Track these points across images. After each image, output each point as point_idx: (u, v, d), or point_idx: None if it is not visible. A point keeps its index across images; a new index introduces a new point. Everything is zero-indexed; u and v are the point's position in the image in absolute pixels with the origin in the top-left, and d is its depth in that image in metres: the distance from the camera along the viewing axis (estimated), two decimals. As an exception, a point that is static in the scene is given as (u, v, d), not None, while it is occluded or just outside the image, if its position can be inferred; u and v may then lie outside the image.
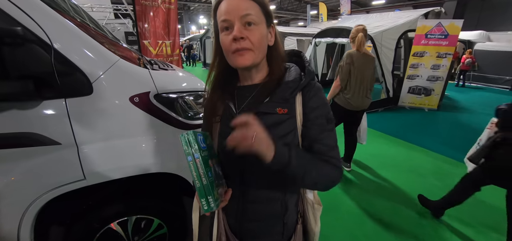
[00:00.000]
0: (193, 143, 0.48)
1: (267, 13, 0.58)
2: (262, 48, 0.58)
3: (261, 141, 0.49)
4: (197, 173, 0.47)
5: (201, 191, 0.48)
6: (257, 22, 0.55)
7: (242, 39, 0.54)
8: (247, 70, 0.61)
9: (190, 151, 0.47)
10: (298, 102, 0.61)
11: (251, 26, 0.54)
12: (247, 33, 0.54)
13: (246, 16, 0.53)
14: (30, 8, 0.84)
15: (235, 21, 0.53)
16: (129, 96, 1.05)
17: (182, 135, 0.48)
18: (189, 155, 0.47)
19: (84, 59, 0.94)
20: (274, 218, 0.67)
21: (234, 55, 0.56)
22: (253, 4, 0.55)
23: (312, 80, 0.62)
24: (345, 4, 11.57)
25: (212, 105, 0.67)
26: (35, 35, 0.83)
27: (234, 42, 0.54)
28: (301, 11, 20.65)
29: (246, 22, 0.54)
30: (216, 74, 0.67)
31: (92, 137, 1.01)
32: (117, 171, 1.08)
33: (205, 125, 0.73)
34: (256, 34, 0.55)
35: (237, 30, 0.53)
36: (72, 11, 1.13)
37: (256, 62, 0.58)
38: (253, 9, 0.54)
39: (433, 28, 4.79)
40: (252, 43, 0.55)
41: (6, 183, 0.92)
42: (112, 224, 1.18)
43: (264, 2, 0.57)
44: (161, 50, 3.66)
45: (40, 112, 0.91)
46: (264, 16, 0.57)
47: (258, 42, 0.56)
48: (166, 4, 3.57)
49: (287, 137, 0.60)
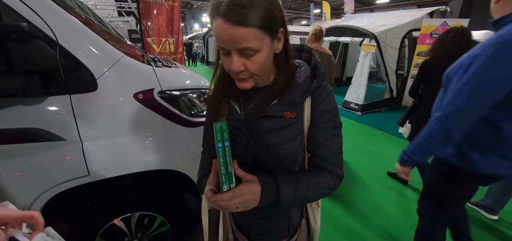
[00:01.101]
0: (225, 132, 0.50)
1: (271, 27, 0.49)
2: (264, 70, 0.54)
3: (246, 205, 0.51)
4: (224, 160, 0.50)
5: (224, 177, 0.50)
6: (258, 48, 0.48)
7: (242, 72, 0.51)
8: None
9: (222, 139, 0.50)
10: (307, 105, 0.59)
11: (250, 55, 0.49)
12: (247, 63, 0.50)
13: (244, 50, 0.48)
14: (36, 4, 0.84)
15: (232, 51, 0.48)
16: (133, 93, 1.05)
17: (216, 123, 0.50)
18: (219, 142, 0.49)
19: (89, 56, 0.94)
20: (279, 214, 0.67)
21: (236, 80, 0.55)
22: (250, 31, 0.45)
23: (322, 82, 0.60)
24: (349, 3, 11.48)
25: (216, 104, 0.65)
26: (40, 31, 0.84)
27: (234, 73, 0.51)
28: (305, 9, 20.55)
29: (244, 53, 0.48)
30: (220, 72, 0.64)
31: (96, 133, 1.01)
32: (121, 167, 1.08)
33: (208, 123, 0.72)
34: (255, 62, 0.50)
35: (235, 66, 0.49)
36: (77, 8, 1.14)
37: (258, 82, 0.57)
38: (251, 36, 0.46)
39: (438, 28, 4.73)
40: (251, 72, 0.52)
41: (11, 178, 0.93)
42: (115, 220, 1.19)
43: (265, 17, 0.46)
44: (165, 48, 3.66)
45: (45, 108, 0.91)
46: (268, 34, 0.49)
47: (259, 69, 0.52)
48: (170, 2, 3.57)
49: (295, 141, 0.59)
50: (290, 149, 0.59)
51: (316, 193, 0.58)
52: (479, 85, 0.81)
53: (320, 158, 0.60)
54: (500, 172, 0.94)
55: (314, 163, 0.61)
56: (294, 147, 0.59)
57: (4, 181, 0.91)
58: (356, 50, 6.85)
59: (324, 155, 0.59)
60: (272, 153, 0.59)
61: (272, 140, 0.58)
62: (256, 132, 0.59)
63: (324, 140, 0.59)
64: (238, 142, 0.61)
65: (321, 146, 0.59)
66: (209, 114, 0.69)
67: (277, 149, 0.58)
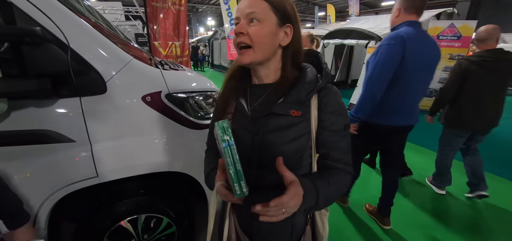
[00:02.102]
0: (228, 130, 0.49)
1: (280, 12, 0.56)
2: (263, 47, 0.56)
3: (289, 211, 0.49)
4: (231, 159, 0.48)
5: (235, 176, 0.49)
6: (262, 19, 0.55)
7: (242, 34, 0.55)
8: (253, 68, 0.62)
9: (225, 138, 0.48)
10: (314, 106, 0.59)
11: (254, 22, 0.55)
12: (248, 29, 0.55)
13: (251, 14, 0.54)
14: (49, 9, 0.86)
15: (242, 18, 0.56)
16: (142, 95, 1.06)
17: (217, 123, 0.49)
18: (224, 142, 0.48)
19: (99, 59, 0.96)
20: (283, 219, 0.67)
21: (239, 52, 0.58)
22: (261, 2, 0.55)
23: (329, 83, 0.61)
24: (354, 5, 11.44)
25: (224, 100, 0.67)
26: (53, 35, 0.86)
27: (236, 36, 0.56)
28: (309, 12, 20.55)
29: (250, 18, 0.55)
30: (231, 69, 0.68)
31: (105, 135, 1.03)
32: (128, 169, 1.09)
33: (216, 120, 0.73)
34: (256, 30, 0.55)
35: (240, 25, 0.55)
36: (87, 12, 1.16)
37: (257, 60, 0.57)
38: (259, 6, 0.55)
39: (446, 29, 4.67)
40: (251, 39, 0.55)
41: (22, 179, 0.95)
42: (122, 222, 1.20)
43: (277, 1, 0.56)
44: (171, 51, 3.71)
45: (56, 110, 0.93)
46: (275, 14, 0.56)
47: (258, 39, 0.55)
48: (176, 6, 3.62)
49: (300, 140, 0.59)
50: (295, 148, 0.59)
51: (337, 192, 0.59)
52: (381, 61, 1.39)
53: (334, 160, 0.61)
54: (392, 123, 1.53)
55: (326, 165, 0.61)
56: (299, 147, 0.59)
57: (15, 181, 0.93)
58: (361, 52, 6.80)
59: (337, 157, 0.60)
60: (277, 152, 0.58)
61: (277, 138, 0.58)
62: (261, 130, 0.60)
63: (336, 142, 0.60)
64: (243, 140, 0.62)
65: (333, 148, 0.60)
66: (217, 112, 0.70)
67: (281, 148, 0.58)
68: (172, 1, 3.56)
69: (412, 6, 1.40)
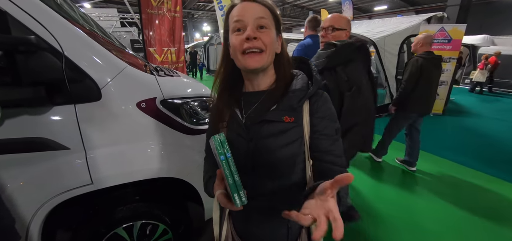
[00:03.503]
0: (224, 144, 0.51)
1: (277, 21, 0.61)
2: (272, 52, 0.60)
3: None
4: (229, 171, 0.50)
5: (234, 187, 0.50)
6: (269, 26, 0.58)
7: (255, 38, 0.55)
8: (254, 74, 0.62)
9: (223, 151, 0.50)
10: (305, 111, 0.61)
11: (263, 29, 0.57)
12: (260, 35, 0.56)
13: (260, 19, 0.56)
14: (43, 17, 0.87)
15: (249, 22, 0.56)
16: (136, 102, 1.07)
17: (214, 137, 0.51)
18: (222, 155, 0.50)
19: (93, 66, 0.97)
20: (278, 221, 0.67)
21: (244, 57, 0.57)
22: (266, 10, 0.58)
23: (319, 88, 0.63)
24: (347, 10, 11.63)
25: (219, 111, 0.68)
26: (47, 43, 0.86)
27: (246, 42, 0.55)
28: (303, 17, 20.81)
29: (259, 25, 0.56)
30: (221, 79, 0.67)
31: (99, 142, 1.03)
32: (123, 176, 1.09)
33: (211, 130, 0.73)
34: (268, 36, 0.57)
35: (251, 30, 0.55)
36: (81, 19, 1.17)
37: (266, 65, 0.59)
38: (266, 14, 0.57)
39: (436, 33, 4.78)
40: (264, 44, 0.57)
41: (16, 187, 0.94)
42: (117, 229, 1.18)
43: (275, 11, 0.60)
44: (167, 57, 3.71)
45: (51, 118, 0.93)
46: (274, 23, 0.60)
47: (270, 44, 0.58)
48: (172, 13, 3.64)
49: (293, 145, 0.60)
50: (288, 153, 0.60)
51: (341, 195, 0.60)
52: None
53: (330, 163, 0.61)
54: None
55: (323, 169, 0.62)
56: (293, 152, 0.60)
57: (9, 190, 0.92)
58: (355, 56, 6.88)
59: (333, 160, 0.61)
60: (271, 158, 0.60)
61: (271, 145, 0.60)
62: (255, 136, 0.61)
63: (330, 145, 0.61)
64: (238, 147, 0.63)
65: (328, 152, 0.61)
66: (212, 121, 0.71)
67: (275, 153, 0.59)
68: (167, 8, 3.58)
69: (312, 27, 2.27)
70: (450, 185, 2.52)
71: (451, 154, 3.23)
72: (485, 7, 13.15)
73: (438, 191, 2.41)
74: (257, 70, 0.60)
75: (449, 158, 3.14)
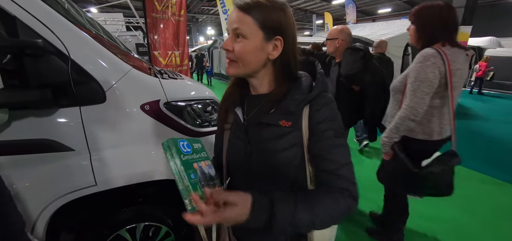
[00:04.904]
0: (172, 148, 0.51)
1: (266, 26, 0.54)
2: (248, 61, 0.56)
3: (235, 219, 0.46)
4: (178, 176, 0.50)
5: (183, 192, 0.50)
6: (246, 35, 0.54)
7: (228, 50, 0.57)
8: (248, 79, 0.63)
9: (169, 156, 0.51)
10: (305, 115, 0.57)
11: (239, 39, 0.55)
12: (234, 45, 0.56)
13: (236, 29, 0.55)
14: (51, 22, 0.89)
15: (229, 32, 0.56)
16: (140, 104, 1.08)
17: (163, 142, 0.52)
18: (170, 161, 0.50)
19: (99, 69, 0.98)
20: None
21: (227, 64, 0.60)
22: (246, 17, 0.53)
23: (322, 92, 0.58)
24: (351, 13, 11.62)
25: (224, 111, 0.69)
26: (54, 47, 0.88)
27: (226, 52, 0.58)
28: (307, 21, 20.86)
29: (236, 34, 0.55)
30: (231, 81, 0.69)
31: (104, 143, 1.04)
32: (127, 177, 1.10)
33: (218, 131, 0.76)
34: (239, 47, 0.55)
35: (225, 41, 0.57)
36: (88, 24, 1.19)
37: (242, 73, 0.59)
38: (244, 22, 0.53)
39: (441, 35, 4.74)
40: (235, 55, 0.56)
41: (21, 188, 0.95)
42: (120, 231, 1.19)
43: (263, 16, 0.53)
44: (171, 61, 3.76)
45: (56, 120, 0.95)
46: (260, 29, 0.54)
47: (241, 55, 0.55)
48: (176, 16, 3.69)
49: (291, 150, 0.58)
50: (286, 158, 0.58)
51: (324, 216, 0.50)
52: None
53: (324, 171, 0.56)
54: None
55: (320, 178, 0.58)
56: (291, 157, 0.58)
57: (15, 190, 0.93)
58: (359, 59, 6.85)
59: (329, 166, 0.55)
60: (268, 161, 0.59)
61: (268, 148, 0.59)
62: (253, 139, 0.61)
63: (327, 150, 0.56)
64: (238, 149, 0.63)
65: (324, 157, 0.56)
66: (219, 121, 0.74)
67: (273, 157, 0.58)
68: (171, 12, 3.63)
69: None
70: (458, 189, 2.47)
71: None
72: (491, 9, 13.00)
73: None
74: (237, 76, 0.61)
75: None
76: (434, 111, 1.26)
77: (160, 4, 3.45)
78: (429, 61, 1.16)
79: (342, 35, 1.80)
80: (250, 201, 0.47)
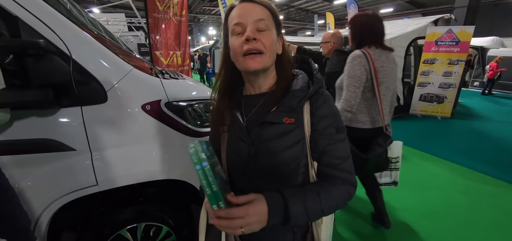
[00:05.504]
0: (200, 153, 0.50)
1: (277, 22, 0.60)
2: (273, 53, 0.59)
3: (251, 228, 0.49)
4: (206, 181, 0.48)
5: (212, 198, 0.48)
6: (269, 27, 0.57)
7: (255, 40, 0.54)
8: (255, 75, 0.61)
9: (199, 160, 0.49)
10: (306, 111, 0.59)
11: (263, 31, 0.56)
12: (260, 36, 0.55)
13: (260, 21, 0.55)
14: (52, 22, 0.89)
15: (248, 24, 0.55)
16: (141, 104, 1.08)
17: (190, 146, 0.50)
18: (197, 165, 0.48)
19: (100, 69, 0.98)
20: (283, 227, 0.66)
21: (245, 59, 0.56)
22: (266, 11, 0.57)
23: (320, 88, 0.61)
24: (352, 13, 11.59)
25: (219, 114, 0.67)
26: (56, 47, 0.89)
27: (246, 43, 0.54)
28: (309, 20, 20.84)
29: (259, 27, 0.55)
30: (222, 81, 0.67)
31: (105, 143, 1.04)
32: (128, 177, 1.10)
33: (213, 134, 0.73)
34: (268, 37, 0.56)
35: (251, 31, 0.54)
36: (90, 24, 1.20)
37: (266, 66, 0.58)
38: (266, 15, 0.57)
39: (444, 35, 4.71)
40: (264, 46, 0.56)
41: (23, 188, 0.96)
42: (121, 231, 1.19)
43: (276, 11, 0.59)
44: (172, 61, 3.76)
45: (58, 119, 0.95)
46: (274, 23, 0.59)
47: (270, 46, 0.57)
48: (177, 17, 3.69)
49: (295, 147, 0.59)
50: (291, 156, 0.59)
51: (330, 204, 0.56)
52: None
53: (327, 165, 0.59)
54: None
55: (322, 172, 0.61)
56: (295, 154, 0.59)
57: (17, 190, 0.94)
58: (361, 59, 6.83)
59: (330, 161, 0.59)
60: (273, 161, 0.59)
61: (272, 147, 0.59)
62: (256, 140, 0.60)
63: (328, 145, 0.59)
64: (240, 151, 0.62)
65: (325, 152, 0.59)
66: (213, 126, 0.71)
67: (278, 156, 0.58)
68: (173, 12, 3.64)
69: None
70: (461, 191, 2.45)
71: (461, 159, 3.15)
72: (494, 9, 12.91)
73: (450, 197, 2.35)
74: (258, 72, 0.59)
75: (459, 162, 3.06)
76: (366, 103, 1.49)
77: (161, 4, 3.45)
78: (356, 61, 1.39)
79: (334, 38, 2.08)
80: (265, 201, 0.51)
